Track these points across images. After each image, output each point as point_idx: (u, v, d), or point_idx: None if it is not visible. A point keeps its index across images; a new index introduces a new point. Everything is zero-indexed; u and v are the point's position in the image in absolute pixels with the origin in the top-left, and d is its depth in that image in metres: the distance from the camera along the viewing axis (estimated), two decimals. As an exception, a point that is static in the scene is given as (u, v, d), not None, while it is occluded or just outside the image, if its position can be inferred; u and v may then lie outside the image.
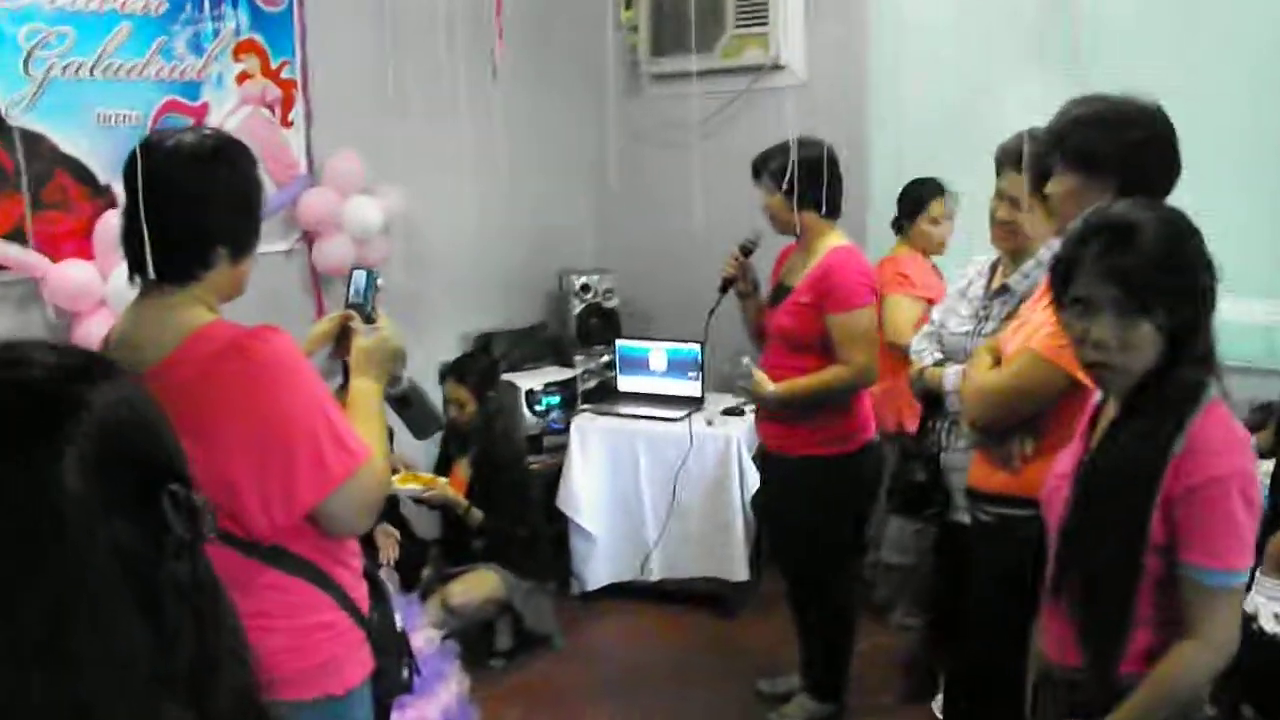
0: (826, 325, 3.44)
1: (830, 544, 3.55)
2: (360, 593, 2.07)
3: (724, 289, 3.75)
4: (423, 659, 3.51)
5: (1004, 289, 2.97)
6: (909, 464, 3.13)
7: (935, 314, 3.23)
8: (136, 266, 1.93)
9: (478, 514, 4.19)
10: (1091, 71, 3.15)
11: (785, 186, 3.43)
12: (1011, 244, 2.95)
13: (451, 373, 4.32)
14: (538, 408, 5.09)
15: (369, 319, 2.19)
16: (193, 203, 1.91)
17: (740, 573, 4.59)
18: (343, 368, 2.24)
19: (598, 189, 5.85)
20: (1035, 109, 2.65)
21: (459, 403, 4.28)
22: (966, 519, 3.01)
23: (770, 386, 3.49)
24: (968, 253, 3.55)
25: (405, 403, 2.28)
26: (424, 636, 3.60)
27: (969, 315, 3.04)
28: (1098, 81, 2.60)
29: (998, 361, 2.57)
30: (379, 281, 2.26)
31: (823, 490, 3.47)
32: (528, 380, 5.10)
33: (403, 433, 4.48)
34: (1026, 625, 2.14)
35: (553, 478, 4.87)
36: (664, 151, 5.56)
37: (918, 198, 4.32)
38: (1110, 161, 2.30)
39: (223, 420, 1.82)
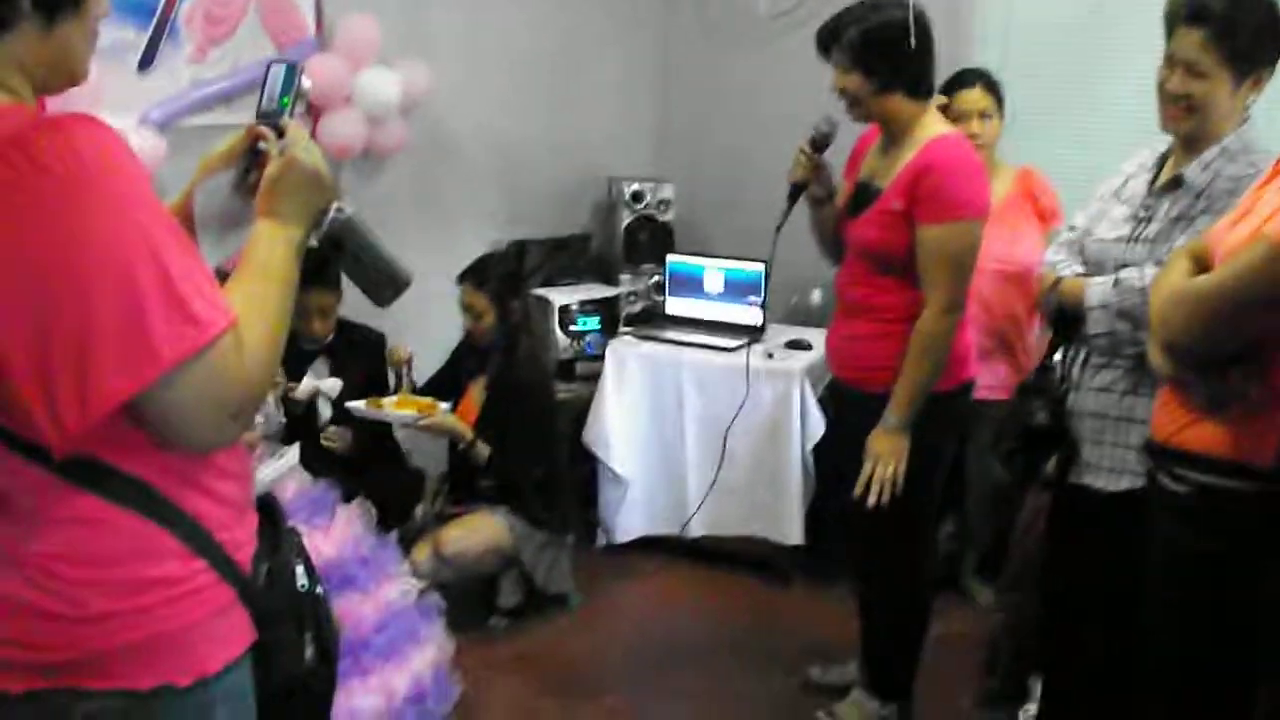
0: (916, 238, 2.70)
1: (912, 506, 2.81)
2: (237, 533, 1.41)
3: (793, 196, 2.99)
4: (391, 615, 2.91)
5: (1176, 182, 2.23)
6: (1027, 402, 2.41)
7: (1079, 219, 2.50)
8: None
9: (484, 449, 3.52)
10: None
11: (865, 61, 2.69)
12: (1188, 125, 2.21)
13: (468, 275, 3.64)
14: (572, 328, 4.41)
15: (281, 132, 1.51)
16: None
17: (794, 535, 3.90)
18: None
19: (658, 86, 5.13)
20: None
21: (475, 312, 3.60)
22: (1098, 483, 2.38)
23: (892, 418, 2.73)
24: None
25: (338, 247, 1.56)
26: (399, 587, 2.97)
27: (1126, 217, 2.30)
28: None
29: (1202, 270, 1.83)
30: (303, 82, 1.57)
31: (917, 436, 2.74)
32: (563, 297, 4.42)
33: (422, 349, 3.95)
34: (1225, 659, 1.42)
35: (582, 410, 4.20)
36: (734, 46, 4.81)
37: (943, 90, 3.53)
38: None
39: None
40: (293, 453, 2.80)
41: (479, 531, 3.51)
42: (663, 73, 5.12)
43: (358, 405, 3.46)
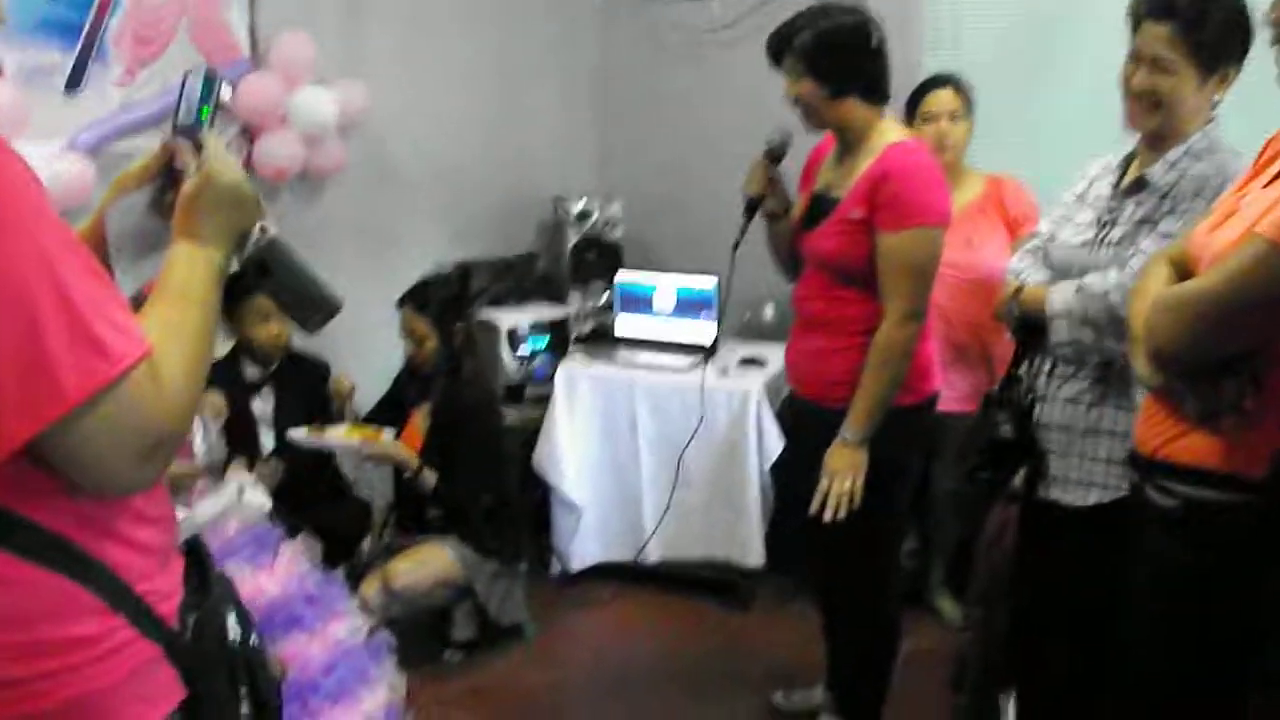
0: (876, 247, 2.63)
1: (874, 522, 2.73)
2: (160, 582, 1.29)
3: (750, 210, 2.90)
4: (340, 654, 2.78)
5: (1139, 184, 2.18)
6: (992, 414, 2.34)
7: (1043, 225, 2.45)
8: None
9: (431, 476, 3.40)
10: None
11: (818, 67, 2.62)
12: (1153, 122, 2.16)
13: (409, 299, 3.53)
14: (521, 352, 4.30)
15: (199, 147, 1.39)
16: None
17: (754, 556, 3.81)
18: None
19: (599, 102, 5.05)
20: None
21: (417, 336, 3.49)
22: (1066, 497, 2.33)
23: (849, 432, 2.64)
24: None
25: (263, 271, 1.45)
26: (347, 625, 2.83)
27: (1090, 222, 2.24)
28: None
29: (1184, 277, 1.77)
30: (222, 91, 1.45)
31: (872, 452, 2.66)
32: (510, 318, 4.32)
33: (364, 377, 3.83)
34: (1214, 673, 1.35)
35: (533, 434, 4.09)
36: (679, 59, 4.75)
37: (914, 94, 3.54)
38: None
39: None
40: (233, 487, 2.66)
41: (428, 563, 3.38)
42: (603, 88, 5.04)
43: (299, 433, 3.33)
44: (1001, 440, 2.33)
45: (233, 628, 1.40)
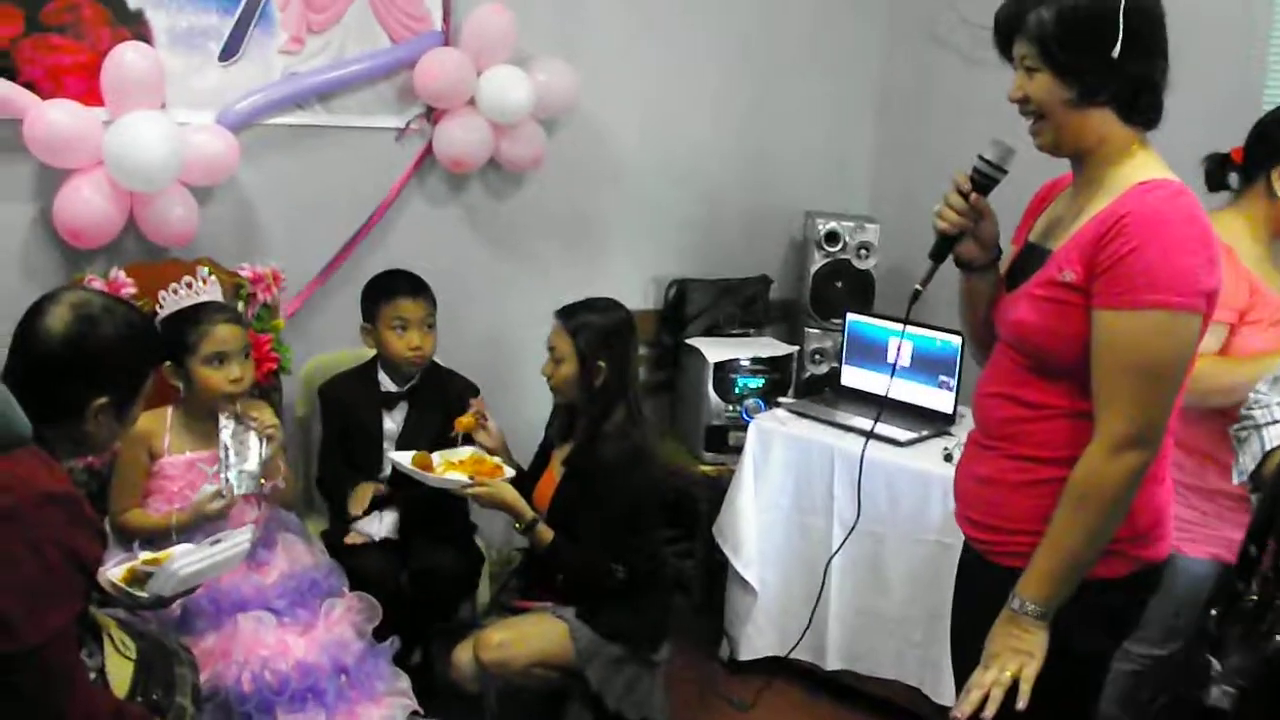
0: (1093, 328, 1.79)
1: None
2: None
3: (940, 251, 2.09)
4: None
5: None
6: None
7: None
8: None
9: (547, 533, 2.84)
10: None
11: (1059, 57, 1.81)
12: None
13: (561, 312, 2.97)
14: (733, 390, 3.67)
15: None
16: None
17: (948, 694, 2.97)
18: None
19: (878, 105, 4.29)
20: None
21: (555, 355, 2.93)
22: None
23: (1022, 600, 1.84)
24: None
25: None
26: (380, 713, 2.37)
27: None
28: None
29: None
30: None
31: (1057, 638, 1.83)
32: (723, 350, 3.69)
33: (475, 360, 3.31)
34: None
35: (724, 493, 3.45)
36: (969, 68, 3.89)
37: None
38: None
39: None
40: (245, 536, 2.24)
41: (529, 638, 2.82)
42: (879, 90, 4.27)
43: (402, 458, 2.88)
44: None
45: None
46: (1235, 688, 1.51)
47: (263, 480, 2.61)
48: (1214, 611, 1.68)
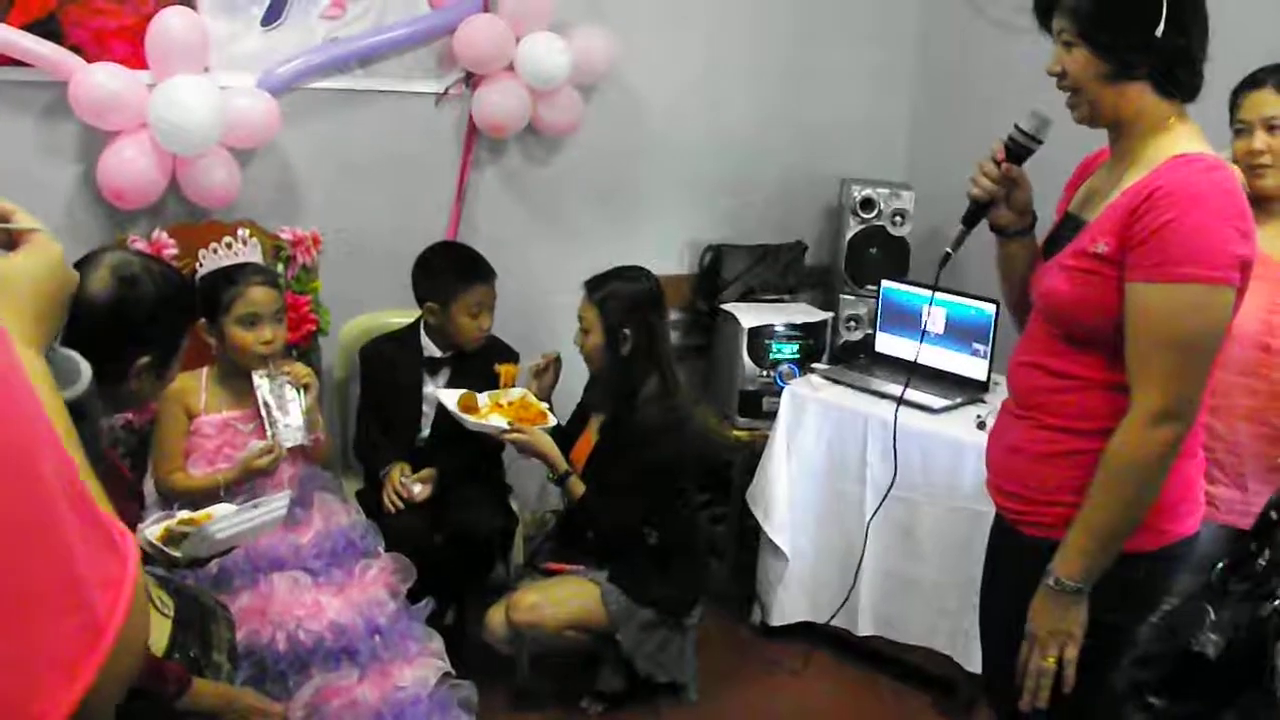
0: (1125, 301, 1.79)
1: (1086, 712, 1.92)
2: None
3: (972, 217, 2.10)
4: (395, 704, 2.35)
5: None
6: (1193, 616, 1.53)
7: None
8: None
9: (579, 485, 2.87)
10: None
11: (1096, 31, 1.80)
12: None
13: (589, 282, 2.99)
14: (767, 356, 3.68)
15: None
16: None
17: (978, 662, 2.98)
18: None
19: (917, 73, 4.26)
20: None
21: (583, 325, 2.96)
22: None
23: (1059, 576, 1.85)
24: None
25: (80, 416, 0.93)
26: (413, 674, 2.42)
27: None
28: None
29: None
30: None
31: (1095, 612, 1.85)
32: (758, 316, 3.69)
33: (512, 328, 3.34)
34: None
35: (758, 458, 3.47)
36: (1012, 33, 3.85)
37: (1231, 96, 2.43)
38: None
39: None
40: (283, 501, 2.28)
41: (563, 601, 2.87)
42: (922, 56, 4.24)
43: (448, 398, 2.90)
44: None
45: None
46: (1224, 638, 1.52)
47: (309, 433, 2.65)
48: (1221, 564, 1.69)
